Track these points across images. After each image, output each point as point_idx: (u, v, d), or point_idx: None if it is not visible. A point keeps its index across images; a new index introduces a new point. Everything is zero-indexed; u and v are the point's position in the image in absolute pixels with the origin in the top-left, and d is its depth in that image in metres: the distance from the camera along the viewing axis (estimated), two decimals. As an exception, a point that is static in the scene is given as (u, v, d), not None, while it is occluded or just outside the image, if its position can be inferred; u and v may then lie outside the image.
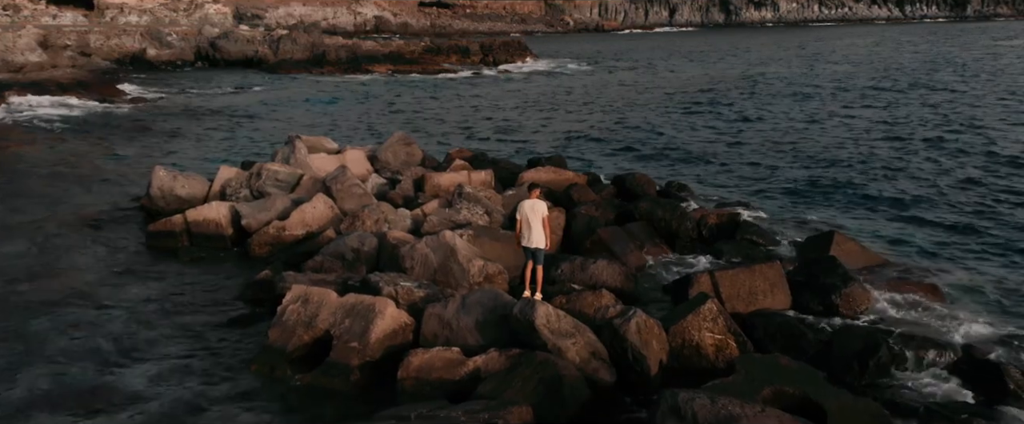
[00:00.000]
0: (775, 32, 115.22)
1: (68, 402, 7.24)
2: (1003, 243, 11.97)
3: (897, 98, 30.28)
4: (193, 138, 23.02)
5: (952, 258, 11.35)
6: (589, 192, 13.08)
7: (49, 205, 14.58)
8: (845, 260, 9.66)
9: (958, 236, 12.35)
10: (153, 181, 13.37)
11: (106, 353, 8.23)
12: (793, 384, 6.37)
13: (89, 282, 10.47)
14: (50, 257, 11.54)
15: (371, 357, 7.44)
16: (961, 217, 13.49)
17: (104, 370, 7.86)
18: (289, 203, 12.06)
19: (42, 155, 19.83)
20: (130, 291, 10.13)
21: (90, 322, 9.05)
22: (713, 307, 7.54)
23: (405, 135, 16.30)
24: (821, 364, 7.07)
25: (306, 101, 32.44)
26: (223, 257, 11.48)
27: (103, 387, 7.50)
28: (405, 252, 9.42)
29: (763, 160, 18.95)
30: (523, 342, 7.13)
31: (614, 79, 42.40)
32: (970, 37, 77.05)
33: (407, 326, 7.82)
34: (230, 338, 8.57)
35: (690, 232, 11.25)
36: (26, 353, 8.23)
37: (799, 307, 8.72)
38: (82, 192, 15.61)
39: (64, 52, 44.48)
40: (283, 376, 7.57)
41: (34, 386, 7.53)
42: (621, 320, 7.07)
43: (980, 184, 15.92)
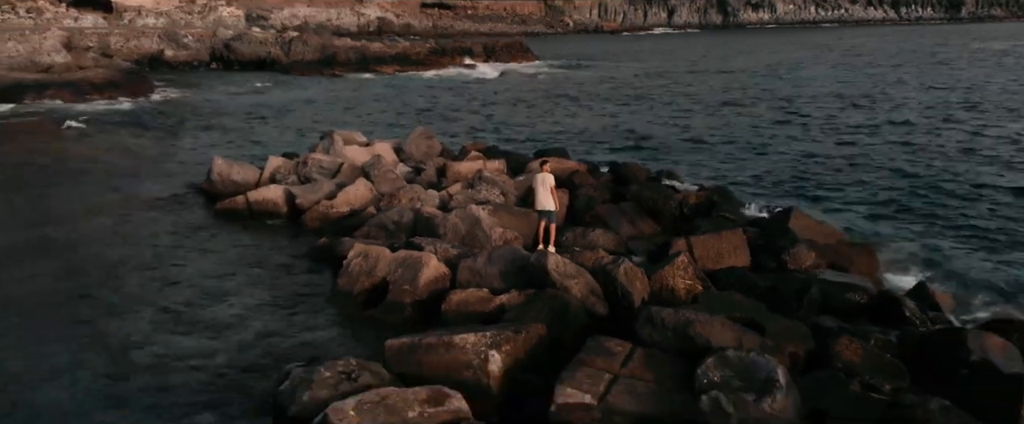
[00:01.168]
0: (771, 35, 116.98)
1: (179, 329, 9.40)
2: (935, 218, 14.19)
3: (863, 99, 32.51)
4: (227, 133, 25.21)
5: (889, 231, 13.56)
6: (589, 178, 15.27)
7: (118, 190, 16.77)
8: (799, 231, 11.84)
9: (899, 214, 14.57)
10: (214, 168, 15.57)
11: (202, 297, 10.40)
12: (742, 311, 8.53)
13: (174, 246, 12.65)
14: (136, 227, 13.73)
15: (420, 297, 9.63)
16: (904, 198, 15.71)
17: (203, 308, 10.02)
18: (334, 186, 14.25)
19: (96, 150, 22.03)
20: (211, 253, 12.32)
21: (182, 277, 11.21)
22: (685, 259, 9.73)
23: (425, 130, 18.51)
24: (767, 302, 9.22)
25: (325, 102, 34.63)
26: (281, 229, 13.68)
27: (204, 320, 9.66)
28: (439, 222, 11.61)
29: (743, 154, 21.16)
30: (537, 284, 9.30)
31: (610, 79, 44.57)
32: (953, 39, 79.27)
33: (446, 275, 10.00)
34: (302, 286, 10.76)
35: (673, 210, 13.44)
36: (139, 298, 10.40)
37: (756, 265, 10.90)
38: (144, 180, 17.81)
39: (87, 53, 46.65)
40: (351, 313, 9.75)
41: (153, 319, 9.69)
42: (612, 265, 9.26)
43: (922, 172, 18.12)
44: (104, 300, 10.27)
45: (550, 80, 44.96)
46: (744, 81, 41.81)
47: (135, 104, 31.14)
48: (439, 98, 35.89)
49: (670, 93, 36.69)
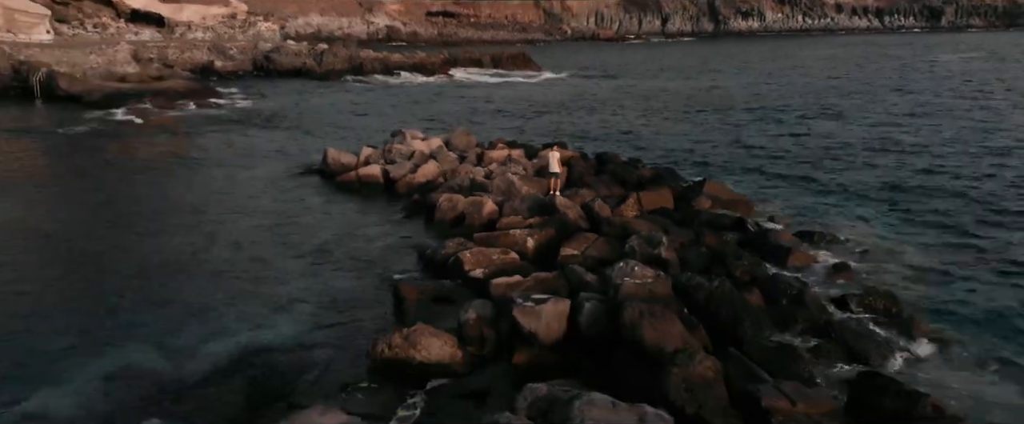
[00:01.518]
0: (759, 43, 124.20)
1: (339, 247, 16.81)
2: (798, 183, 21.80)
3: (781, 103, 40.22)
4: (311, 130, 32.77)
5: (765, 190, 21.12)
6: (581, 161, 22.73)
7: (254, 171, 24.24)
8: (707, 190, 19.29)
9: (774, 181, 22.16)
10: (328, 155, 23.11)
11: (344, 231, 17.81)
12: (659, 224, 16.02)
13: (310, 205, 20.11)
14: (283, 195, 21.21)
15: (482, 222, 17.11)
16: (784, 171, 23.26)
17: (349, 237, 17.41)
18: (412, 165, 21.74)
19: (216, 144, 29.52)
20: (336, 209, 19.77)
21: (328, 223, 18.63)
22: (632, 201, 17.25)
23: (464, 129, 26.08)
24: (676, 222, 16.68)
25: (372, 106, 42.21)
26: (380, 194, 21.16)
27: (336, 249, 16.98)
28: (488, 183, 19.12)
29: (691, 144, 28.75)
30: (548, 213, 16.78)
31: (602, 87, 52.19)
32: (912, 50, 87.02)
33: (495, 210, 17.48)
34: (408, 222, 18.26)
35: (633, 179, 20.92)
36: (305, 238, 17.83)
37: (677, 207, 18.38)
38: (271, 164, 25.30)
39: (152, 64, 54.10)
40: (443, 231, 17.19)
41: (300, 249, 17.08)
42: (590, 201, 16.80)
43: (805, 155, 25.68)
44: (283, 240, 17.63)
45: (551, 87, 52.60)
46: (706, 92, 49.44)
47: (221, 109, 38.64)
48: (454, 102, 43.43)
49: (648, 100, 44.28)
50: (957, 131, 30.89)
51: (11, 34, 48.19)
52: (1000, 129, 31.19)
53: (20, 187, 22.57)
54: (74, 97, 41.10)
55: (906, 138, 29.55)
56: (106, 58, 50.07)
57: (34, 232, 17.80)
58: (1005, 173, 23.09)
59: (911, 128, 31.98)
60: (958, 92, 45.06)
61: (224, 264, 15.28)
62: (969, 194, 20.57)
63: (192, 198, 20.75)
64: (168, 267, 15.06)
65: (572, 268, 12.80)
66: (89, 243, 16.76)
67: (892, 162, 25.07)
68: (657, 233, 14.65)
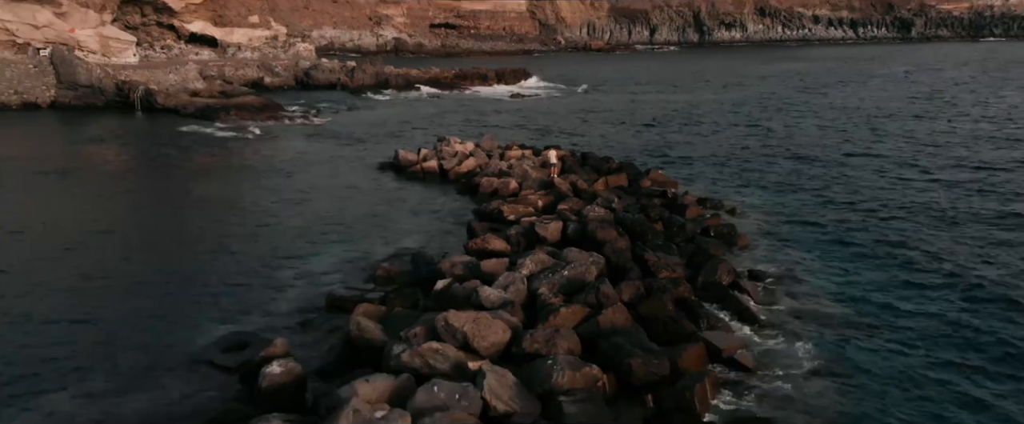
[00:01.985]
0: (735, 55, 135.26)
1: (414, 213, 27.71)
2: (724, 170, 32.76)
3: (735, 108, 51.33)
4: (370, 136, 43.59)
5: (695, 176, 32.09)
6: (570, 157, 33.65)
7: (338, 167, 35.04)
8: (652, 176, 30.22)
9: (706, 169, 33.11)
10: (398, 153, 34.04)
11: (419, 206, 28.69)
12: (615, 194, 26.97)
13: (396, 187, 30.98)
14: (368, 181, 32.06)
15: (509, 193, 28.05)
16: (718, 162, 34.21)
17: (423, 209, 28.33)
18: (457, 161, 32.64)
19: (296, 149, 40.34)
20: (413, 188, 30.67)
21: (404, 197, 29.53)
22: (603, 182, 28.23)
23: (491, 136, 37.03)
24: (627, 193, 27.60)
25: (410, 117, 53.14)
26: (437, 181, 32.01)
27: (423, 209, 27.90)
28: (510, 171, 30.08)
29: (649, 145, 39.70)
30: (549, 187, 27.71)
31: (588, 100, 63.21)
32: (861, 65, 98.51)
33: (517, 186, 28.43)
34: (461, 197, 29.17)
35: (604, 169, 31.85)
36: (391, 210, 28.74)
37: (629, 186, 29.33)
38: (347, 163, 36.12)
39: (214, 81, 64.91)
40: (483, 200, 28.08)
41: (402, 209, 28.00)
42: (575, 180, 27.80)
43: (739, 151, 36.66)
44: (389, 206, 28.55)
45: (549, 99, 63.60)
46: (668, 104, 60.58)
47: (290, 122, 49.48)
48: (475, 112, 54.36)
49: (623, 111, 55.28)
50: (853, 134, 42.07)
51: (106, 57, 58.90)
52: (883, 137, 42.42)
53: (162, 183, 33.45)
54: (170, 110, 51.94)
55: (808, 142, 40.68)
56: (180, 76, 60.89)
57: (190, 216, 28.64)
58: (869, 164, 34.20)
59: (816, 137, 43.15)
60: (877, 105, 56.38)
61: (357, 220, 26.13)
62: (831, 185, 31.64)
63: (306, 187, 31.57)
64: (324, 221, 25.89)
65: (563, 211, 23.76)
66: (251, 216, 27.61)
67: (785, 158, 36.17)
68: (613, 197, 25.63)
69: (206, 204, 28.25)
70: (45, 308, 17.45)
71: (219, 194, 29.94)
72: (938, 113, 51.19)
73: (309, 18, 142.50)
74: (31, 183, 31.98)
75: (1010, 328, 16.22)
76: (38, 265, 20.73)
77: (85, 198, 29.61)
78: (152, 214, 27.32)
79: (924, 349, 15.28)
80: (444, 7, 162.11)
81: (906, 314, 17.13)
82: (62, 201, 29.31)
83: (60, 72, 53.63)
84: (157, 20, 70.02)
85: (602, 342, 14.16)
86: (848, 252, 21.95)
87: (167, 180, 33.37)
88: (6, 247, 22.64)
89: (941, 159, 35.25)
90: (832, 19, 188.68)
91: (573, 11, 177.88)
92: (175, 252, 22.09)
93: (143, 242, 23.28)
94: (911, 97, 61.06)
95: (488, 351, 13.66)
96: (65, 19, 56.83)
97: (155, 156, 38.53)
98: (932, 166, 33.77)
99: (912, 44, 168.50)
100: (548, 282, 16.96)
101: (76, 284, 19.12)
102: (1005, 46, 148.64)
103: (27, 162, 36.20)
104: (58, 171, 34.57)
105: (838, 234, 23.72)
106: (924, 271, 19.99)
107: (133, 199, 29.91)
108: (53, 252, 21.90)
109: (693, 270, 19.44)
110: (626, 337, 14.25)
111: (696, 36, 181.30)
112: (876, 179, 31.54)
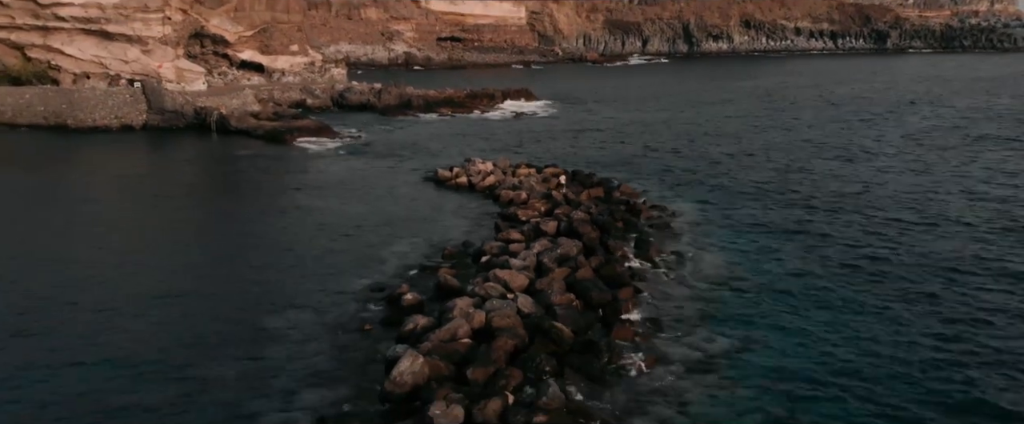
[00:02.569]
0: (721, 65, 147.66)
1: (454, 213, 40.11)
2: (672, 178, 45.19)
3: (688, 126, 63.87)
4: (409, 155, 55.91)
5: (645, 183, 44.51)
6: (563, 173, 45.94)
7: (389, 181, 47.38)
8: (622, 189, 42.56)
9: (660, 178, 45.53)
10: (438, 171, 46.49)
11: (457, 205, 41.09)
12: (592, 199, 39.37)
13: (436, 196, 43.37)
14: (409, 193, 44.44)
15: (520, 201, 40.45)
16: (673, 171, 46.60)
17: (457, 212, 40.72)
18: (481, 176, 45.02)
19: (352, 166, 52.71)
20: (450, 197, 43.05)
21: (442, 202, 41.93)
22: (586, 193, 40.64)
23: (507, 159, 49.50)
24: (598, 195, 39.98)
25: (436, 137, 65.58)
26: (468, 192, 44.31)
27: (460, 209, 40.27)
28: (521, 184, 42.49)
29: (622, 160, 52.09)
30: (549, 198, 40.10)
31: (579, 120, 75.66)
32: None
33: (527, 196, 40.81)
34: (485, 203, 41.55)
35: (587, 183, 44.17)
36: (431, 214, 41.15)
37: (605, 195, 41.71)
38: (396, 177, 48.48)
39: (267, 104, 77.20)
40: (504, 205, 40.43)
41: (444, 210, 40.40)
42: (565, 192, 40.23)
43: (684, 162, 49.08)
44: (435, 209, 40.92)
45: (549, 119, 76.04)
46: (646, 124, 73.08)
47: (341, 142, 61.81)
48: (486, 131, 66.72)
49: (607, 131, 67.71)
50: (797, 149, 54.59)
51: (181, 85, 71.25)
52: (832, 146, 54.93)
53: (263, 195, 45.82)
54: (242, 131, 64.26)
55: (750, 160, 53.21)
56: (240, 100, 73.27)
57: (298, 219, 40.94)
58: (815, 172, 46.67)
59: (761, 155, 55.68)
60: (835, 120, 68.97)
61: (419, 219, 38.40)
62: (756, 190, 44.05)
63: (373, 197, 43.81)
64: (397, 220, 38.16)
65: (557, 214, 36.20)
66: (342, 217, 39.88)
67: (726, 171, 48.67)
68: (591, 204, 38.05)
69: (304, 211, 40.49)
70: (252, 279, 29.82)
71: (310, 203, 42.16)
72: (872, 126, 63.87)
73: (327, 34, 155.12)
74: (170, 194, 44.42)
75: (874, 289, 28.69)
76: (220, 256, 33.18)
77: (214, 205, 42.03)
78: (271, 219, 39.56)
79: (769, 280, 27.76)
80: (450, 21, 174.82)
81: (765, 272, 29.60)
82: (204, 208, 41.76)
83: (150, 100, 65.96)
84: (214, 50, 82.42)
85: (577, 285, 26.61)
86: (746, 237, 34.41)
87: (262, 192, 45.72)
88: (194, 243, 35.13)
89: (854, 166, 47.81)
90: (813, 31, 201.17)
91: (570, 23, 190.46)
92: (305, 243, 34.33)
93: (280, 239, 35.54)
94: (847, 121, 73.71)
95: (517, 289, 26.06)
96: (150, 55, 69.17)
97: (244, 172, 50.95)
98: (851, 174, 46.28)
99: (886, 56, 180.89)
100: (548, 256, 29.38)
101: (259, 267, 31.40)
102: (968, 58, 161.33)
103: (159, 178, 48.65)
104: (189, 185, 47.03)
105: (742, 225, 36.22)
106: (801, 245, 32.53)
107: (248, 207, 42.26)
108: (229, 247, 34.34)
109: (637, 249, 31.92)
110: (591, 283, 26.70)
111: (685, 47, 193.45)
112: (796, 183, 44.02)
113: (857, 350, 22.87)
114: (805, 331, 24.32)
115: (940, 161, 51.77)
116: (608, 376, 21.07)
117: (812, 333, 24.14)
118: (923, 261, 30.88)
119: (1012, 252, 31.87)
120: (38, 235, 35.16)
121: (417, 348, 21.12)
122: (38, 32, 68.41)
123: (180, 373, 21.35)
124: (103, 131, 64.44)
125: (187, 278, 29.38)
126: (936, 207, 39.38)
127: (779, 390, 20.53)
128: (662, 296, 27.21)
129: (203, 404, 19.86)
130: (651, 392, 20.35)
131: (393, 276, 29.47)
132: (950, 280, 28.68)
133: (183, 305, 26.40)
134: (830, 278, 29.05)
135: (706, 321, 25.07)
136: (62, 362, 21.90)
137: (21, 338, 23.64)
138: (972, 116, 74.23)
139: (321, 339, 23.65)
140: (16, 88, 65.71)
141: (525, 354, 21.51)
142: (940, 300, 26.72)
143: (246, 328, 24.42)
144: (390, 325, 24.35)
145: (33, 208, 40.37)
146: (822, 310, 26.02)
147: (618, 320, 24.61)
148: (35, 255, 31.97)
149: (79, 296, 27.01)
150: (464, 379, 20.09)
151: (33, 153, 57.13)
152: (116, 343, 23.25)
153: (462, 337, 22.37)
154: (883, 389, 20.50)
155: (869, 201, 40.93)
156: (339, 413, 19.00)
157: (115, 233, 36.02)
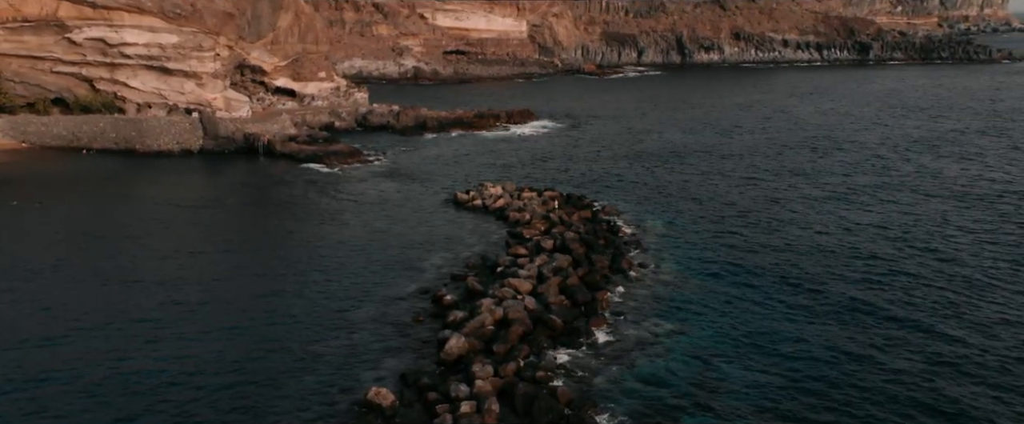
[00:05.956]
0: (713, 79, 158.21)
1: (472, 229, 50.93)
2: (638, 191, 56.04)
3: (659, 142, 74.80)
4: (429, 178, 66.67)
5: (611, 196, 55.34)
6: (559, 196, 56.71)
7: (414, 202, 58.18)
8: (606, 209, 53.33)
9: (628, 190, 56.38)
10: (456, 194, 57.35)
11: (474, 229, 51.88)
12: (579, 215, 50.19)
13: (457, 216, 54.18)
14: (434, 215, 55.26)
15: (524, 220, 51.29)
16: (640, 185, 57.41)
17: (474, 230, 51.54)
18: (493, 199, 55.84)
19: (380, 188, 63.53)
20: (467, 217, 53.85)
21: (460, 219, 52.74)
22: (578, 214, 51.47)
23: (513, 183, 60.37)
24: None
25: (449, 158, 76.43)
26: (482, 213, 55.08)
27: (479, 227, 51.12)
28: (525, 205, 53.31)
29: (604, 180, 62.88)
30: (548, 218, 50.91)
31: (577, 136, 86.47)
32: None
33: (530, 215, 51.60)
34: (496, 222, 52.34)
35: (579, 205, 54.92)
36: (453, 232, 52.00)
37: (592, 216, 52.52)
38: (420, 199, 59.29)
39: (302, 127, 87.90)
40: (513, 224, 51.21)
41: (464, 228, 51.23)
42: (560, 213, 51.13)
43: (650, 176, 59.90)
44: (456, 227, 51.74)
45: (548, 139, 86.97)
46: (635, 145, 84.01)
47: (371, 165, 72.59)
48: (493, 151, 77.50)
49: (598, 151, 78.50)
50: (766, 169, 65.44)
51: (228, 113, 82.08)
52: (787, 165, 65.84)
53: (311, 211, 56.64)
54: (286, 155, 75.06)
55: (723, 180, 64.09)
56: (279, 125, 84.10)
57: (338, 233, 51.71)
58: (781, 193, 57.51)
59: (732, 175, 66.57)
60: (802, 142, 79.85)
61: (443, 236, 49.12)
62: (725, 208, 54.87)
63: (400, 217, 54.56)
64: (425, 237, 48.90)
65: (554, 232, 47.01)
66: (378, 233, 50.64)
67: (701, 190, 59.48)
68: (580, 225, 48.87)
69: (354, 228, 51.21)
70: (333, 282, 40.67)
71: (357, 220, 52.91)
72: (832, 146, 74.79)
73: (341, 50, 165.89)
74: (228, 211, 55.24)
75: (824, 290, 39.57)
76: (302, 263, 44.10)
77: (281, 220, 52.93)
78: (330, 233, 50.24)
79: (712, 284, 38.60)
80: (455, 36, 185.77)
81: (710, 277, 40.42)
82: (274, 221, 52.64)
83: (206, 127, 76.82)
84: (252, 78, 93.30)
85: (567, 289, 37.49)
86: (701, 250, 45.21)
87: (316, 210, 56.49)
88: (280, 252, 46.10)
89: (811, 185, 58.67)
90: (800, 43, 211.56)
91: (569, 35, 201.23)
92: (363, 254, 45.06)
93: (342, 251, 46.23)
94: (814, 136, 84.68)
95: (524, 293, 36.89)
96: (203, 88, 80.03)
97: (297, 192, 61.82)
98: (809, 193, 57.14)
99: (867, 68, 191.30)
100: (546, 268, 40.21)
101: (334, 270, 42.19)
102: (944, 70, 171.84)
103: (231, 197, 59.59)
104: (256, 203, 57.97)
105: (699, 240, 47.06)
106: (742, 255, 43.31)
107: (307, 222, 53.04)
108: (306, 256, 45.23)
109: (613, 261, 42.83)
110: (577, 288, 37.60)
111: (678, 58, 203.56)
112: (758, 202, 54.86)
113: (770, 333, 33.76)
114: (729, 320, 35.19)
115: (861, 186, 62.68)
116: (585, 350, 31.97)
117: (734, 323, 35.00)
118: (836, 271, 41.79)
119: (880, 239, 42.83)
120: (168, 242, 46.06)
121: (459, 332, 32.05)
122: (106, 67, 79.21)
123: (302, 350, 32.22)
124: (166, 155, 75.23)
125: (282, 280, 40.28)
126: (852, 236, 50.24)
127: (701, 357, 31.43)
128: (628, 296, 38.09)
129: (319, 368, 30.70)
130: (612, 359, 31.29)
131: (433, 281, 40.31)
132: (868, 286, 39.65)
133: (287, 301, 37.31)
134: (764, 285, 39.88)
135: (657, 313, 35.96)
136: (210, 337, 33.05)
137: (182, 324, 34.56)
138: (899, 144, 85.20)
139: (389, 326, 34.55)
140: (91, 116, 76.54)
141: (530, 336, 32.46)
142: (856, 300, 37.66)
143: (337, 318, 35.34)
144: (435, 317, 35.27)
145: (153, 224, 51.22)
146: (748, 307, 36.89)
147: (595, 313, 35.49)
148: (167, 261, 42.96)
149: (210, 295, 37.94)
150: (491, 351, 31.05)
151: (118, 174, 67.76)
152: (244, 326, 34.20)
153: (488, 325, 33.29)
154: (781, 359, 31.37)
155: (805, 223, 51.82)
156: (415, 370, 29.88)
157: (221, 245, 46.92)
